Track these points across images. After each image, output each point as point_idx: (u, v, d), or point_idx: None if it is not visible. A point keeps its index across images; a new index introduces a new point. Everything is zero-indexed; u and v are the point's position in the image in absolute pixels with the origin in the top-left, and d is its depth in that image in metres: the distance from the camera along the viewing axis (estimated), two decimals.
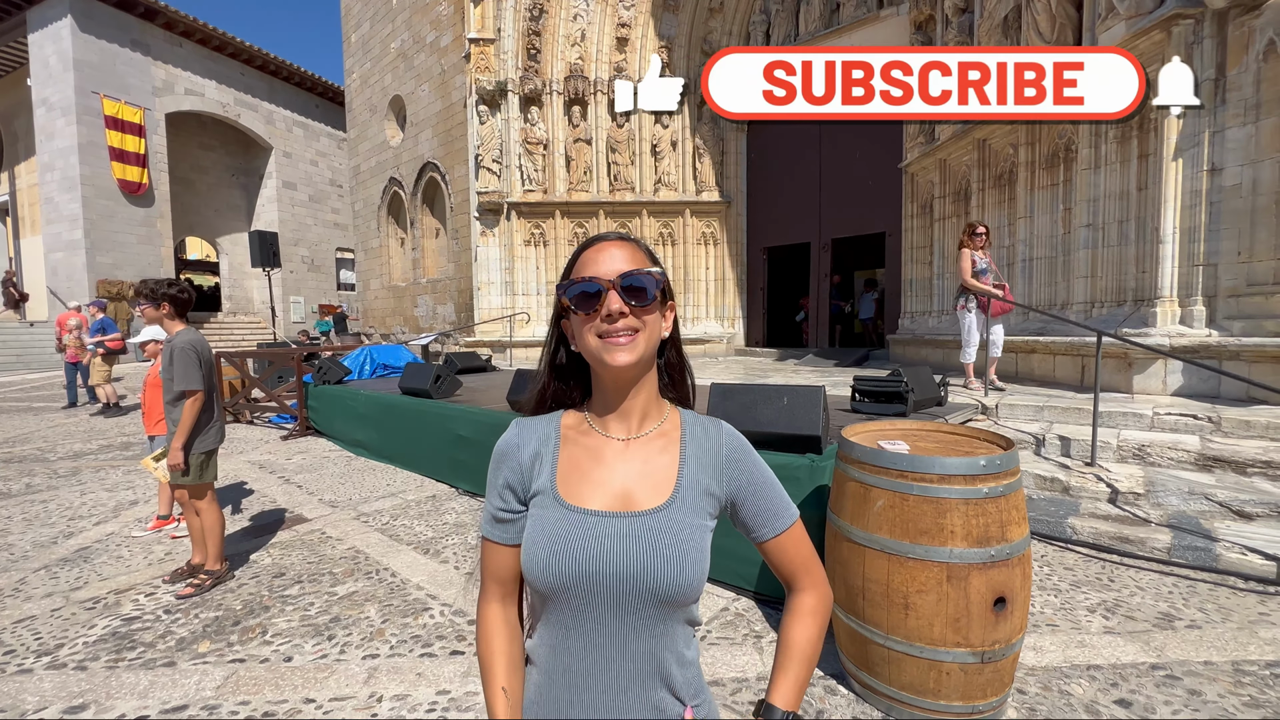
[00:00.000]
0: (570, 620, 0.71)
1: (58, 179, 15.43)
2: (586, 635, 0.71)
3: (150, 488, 4.69)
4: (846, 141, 10.29)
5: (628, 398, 0.76)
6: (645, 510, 0.72)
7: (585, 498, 0.74)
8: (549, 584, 0.70)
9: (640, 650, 0.71)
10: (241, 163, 20.91)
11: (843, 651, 2.10)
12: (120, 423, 7.84)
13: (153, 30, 16.56)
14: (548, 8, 11.10)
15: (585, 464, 0.76)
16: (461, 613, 2.66)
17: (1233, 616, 2.47)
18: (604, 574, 0.69)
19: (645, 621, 0.70)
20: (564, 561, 0.69)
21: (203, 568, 3.02)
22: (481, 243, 11.55)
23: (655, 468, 0.76)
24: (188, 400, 2.89)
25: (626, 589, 0.69)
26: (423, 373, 5.46)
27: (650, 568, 0.69)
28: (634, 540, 0.70)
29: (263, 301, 20.03)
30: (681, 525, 0.72)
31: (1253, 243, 4.38)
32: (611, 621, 0.70)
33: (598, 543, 0.70)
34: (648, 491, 0.74)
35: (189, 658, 2.33)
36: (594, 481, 0.75)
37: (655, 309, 0.73)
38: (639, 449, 0.76)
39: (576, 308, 0.72)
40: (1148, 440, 3.87)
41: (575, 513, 0.73)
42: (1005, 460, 1.82)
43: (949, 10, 7.52)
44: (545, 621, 0.74)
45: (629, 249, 0.74)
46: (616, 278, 0.71)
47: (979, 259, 5.27)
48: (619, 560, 0.69)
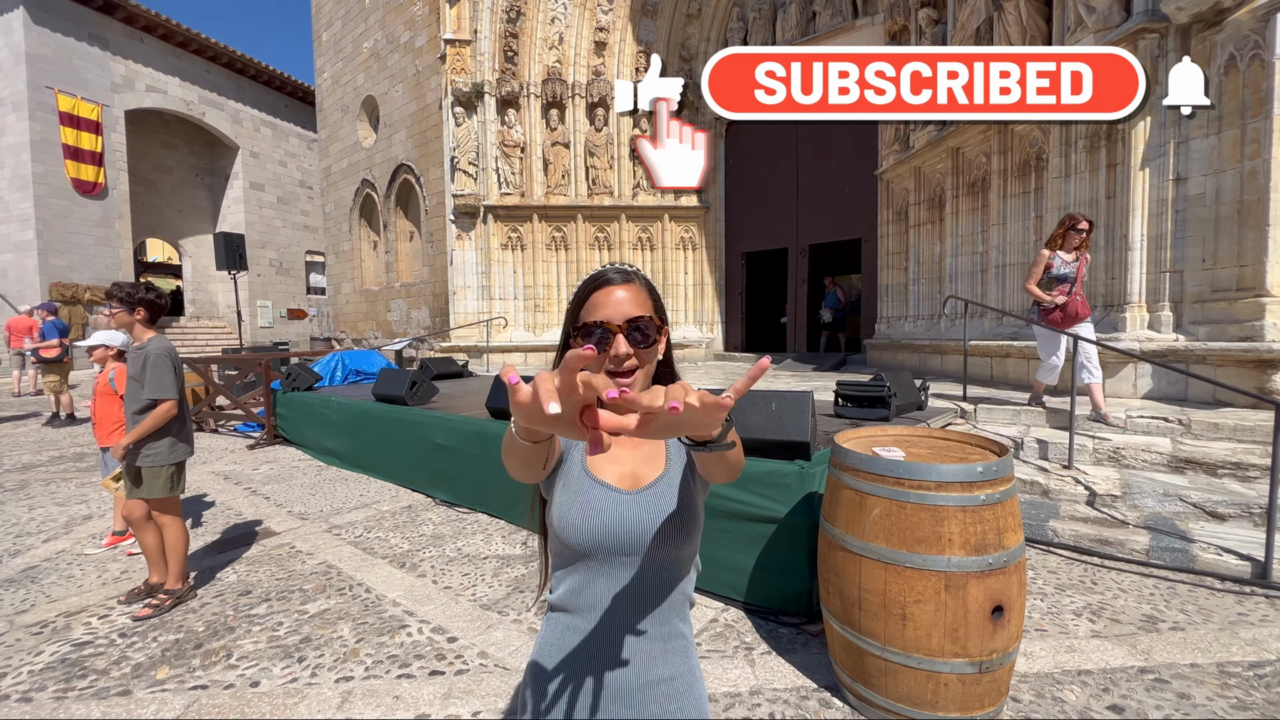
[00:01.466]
0: (597, 571, 0.88)
1: (8, 177, 14.71)
2: (609, 582, 0.88)
3: (106, 500, 4.45)
4: (823, 148, 10.41)
5: None
6: (647, 484, 0.90)
7: (605, 473, 0.91)
8: (581, 540, 0.86)
9: (652, 595, 0.88)
10: (206, 162, 20.24)
11: (837, 663, 2.06)
12: (74, 432, 7.46)
13: (112, 24, 15.94)
14: (525, 10, 11.00)
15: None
16: (441, 630, 2.55)
17: (1213, 617, 2.50)
18: (621, 531, 0.86)
19: (655, 572, 0.88)
20: (592, 521, 0.86)
21: (161, 587, 2.85)
22: (457, 246, 11.36)
23: (652, 450, 0.94)
24: (160, 407, 2.75)
25: (638, 543, 0.86)
26: (397, 379, 5.30)
27: (653, 523, 0.86)
28: (641, 505, 0.88)
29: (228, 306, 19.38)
30: (672, 487, 0.89)
31: (1216, 250, 4.52)
32: (630, 571, 0.88)
33: (616, 508, 0.87)
34: (648, 466, 0.92)
35: (146, 685, 2.18)
36: (611, 461, 0.92)
37: (655, 344, 0.87)
38: (641, 440, 0.88)
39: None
40: (1122, 443, 3.94)
41: (600, 485, 0.89)
42: (1001, 466, 1.80)
43: (923, 21, 7.66)
44: (573, 571, 0.90)
45: (633, 291, 0.88)
46: (624, 323, 0.84)
47: (1061, 261, 4.32)
48: (633, 520, 0.87)
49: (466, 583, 3.02)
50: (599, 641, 0.88)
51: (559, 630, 0.91)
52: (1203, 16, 4.47)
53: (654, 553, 0.87)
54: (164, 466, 2.82)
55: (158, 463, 2.80)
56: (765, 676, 2.16)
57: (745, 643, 2.40)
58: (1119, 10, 5.01)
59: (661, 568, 0.89)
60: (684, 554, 0.90)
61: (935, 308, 7.64)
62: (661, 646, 0.89)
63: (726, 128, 11.70)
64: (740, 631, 2.49)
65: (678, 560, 0.90)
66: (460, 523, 3.96)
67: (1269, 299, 4.18)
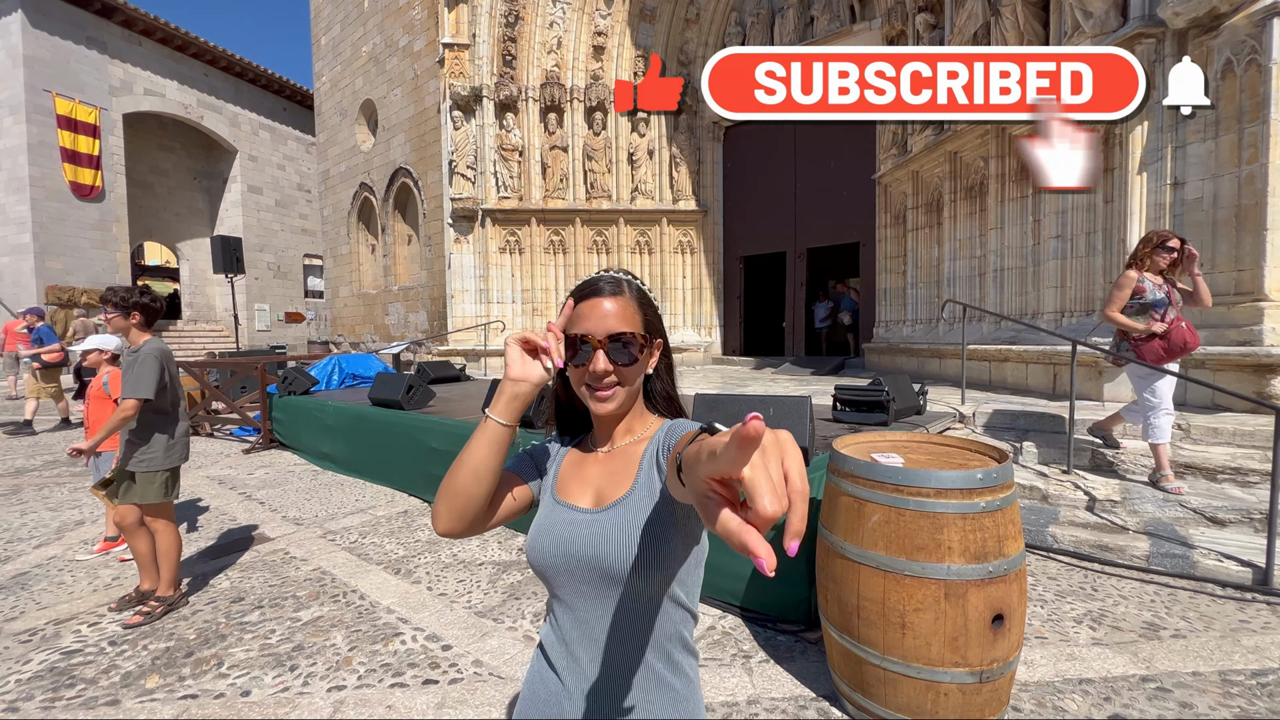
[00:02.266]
0: (565, 598, 0.84)
1: (4, 180, 14.66)
2: (576, 614, 0.82)
3: (98, 506, 4.41)
4: (821, 152, 10.43)
5: (611, 424, 0.92)
6: (609, 504, 0.84)
7: (570, 494, 0.89)
8: (535, 564, 0.84)
9: (623, 631, 0.81)
10: (204, 165, 20.21)
11: (836, 672, 2.03)
12: (69, 436, 7.42)
13: (110, 27, 15.92)
14: (523, 15, 11.02)
15: (576, 469, 0.92)
16: (435, 637, 2.52)
17: (1215, 624, 2.48)
18: (568, 556, 0.81)
19: (614, 600, 0.80)
20: (541, 544, 0.84)
21: (153, 594, 2.81)
22: (455, 250, 11.34)
23: (622, 469, 0.87)
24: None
25: (586, 570, 0.81)
26: (394, 383, 5.27)
27: (598, 550, 0.80)
28: (591, 527, 0.82)
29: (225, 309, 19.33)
30: (630, 512, 0.81)
31: (1214, 254, 4.51)
32: (588, 594, 0.81)
33: (567, 528, 0.83)
34: (613, 489, 0.85)
35: (135, 695, 2.14)
36: (578, 482, 0.89)
37: (639, 361, 0.85)
38: (615, 457, 0.89)
39: (570, 360, 0.84)
40: (1121, 447, 3.93)
41: (559, 506, 0.87)
42: (1001, 473, 1.78)
43: (920, 26, 7.68)
44: (551, 604, 0.87)
45: (621, 305, 0.85)
46: (605, 338, 0.82)
47: (1153, 285, 3.53)
48: (578, 544, 0.81)
49: (461, 589, 2.99)
50: (572, 674, 0.82)
51: (534, 670, 0.88)
52: (1199, 22, 4.48)
53: (616, 581, 0.79)
54: (158, 471, 2.79)
55: (152, 467, 2.77)
56: (763, 685, 2.14)
57: (743, 650, 2.38)
58: (1115, 15, 5.03)
59: (633, 600, 0.80)
60: (652, 583, 0.79)
61: (933, 312, 7.64)
62: (641, 694, 0.80)
63: (724, 131, 11.72)
64: (738, 639, 2.47)
65: (647, 592, 0.80)
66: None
67: (1267, 303, 4.18)
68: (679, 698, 0.82)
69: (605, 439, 0.91)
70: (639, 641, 0.81)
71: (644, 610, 0.81)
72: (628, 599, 0.80)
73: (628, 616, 0.80)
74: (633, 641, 0.81)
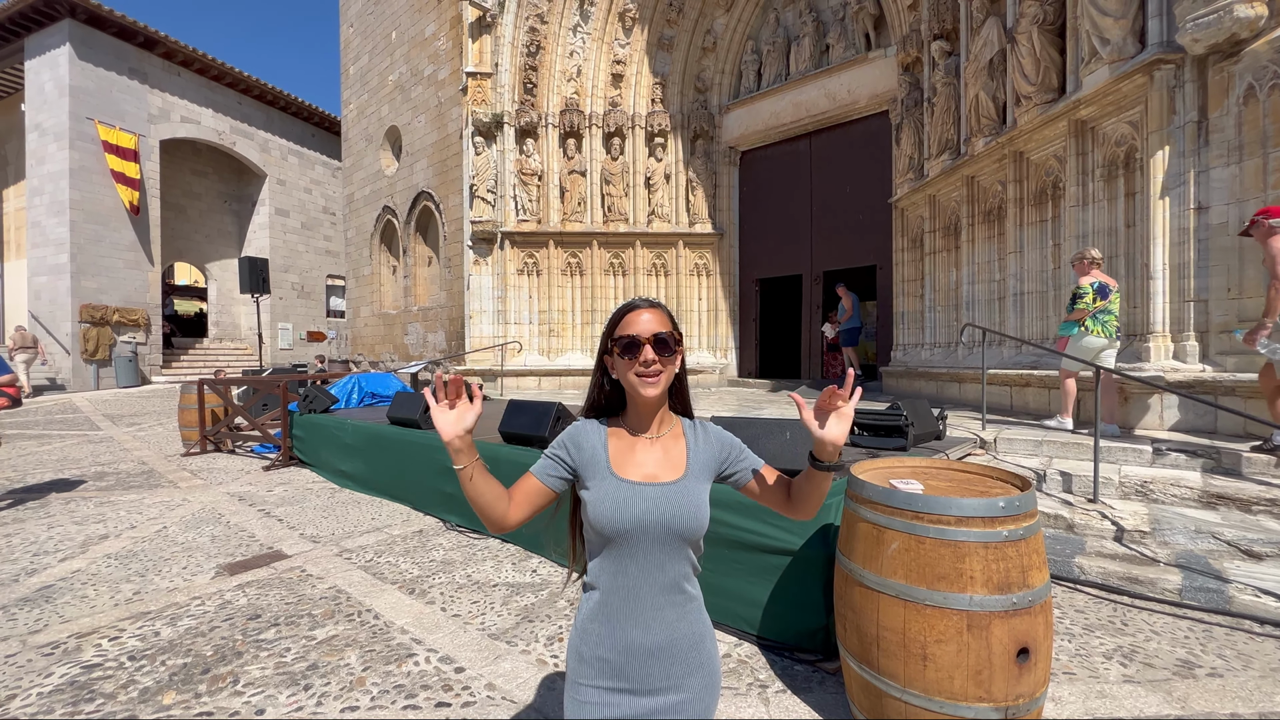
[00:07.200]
0: (626, 553, 1.09)
1: (46, 203, 15.29)
2: (637, 561, 1.08)
3: (122, 521, 4.49)
4: (836, 176, 10.48)
5: (652, 413, 1.18)
6: (667, 482, 1.12)
7: (629, 473, 1.13)
8: (614, 528, 1.07)
9: (669, 571, 1.10)
10: (234, 189, 20.90)
11: (855, 704, 1.98)
12: (95, 451, 7.58)
13: (151, 59, 16.69)
14: (544, 44, 11.33)
15: (627, 453, 1.16)
16: (449, 659, 2.51)
17: (1254, 664, 2.38)
18: (647, 521, 1.08)
19: (671, 552, 1.10)
20: (622, 513, 1.08)
21: None
22: (474, 271, 11.53)
23: (672, 455, 1.16)
24: None
25: (660, 530, 1.08)
26: (412, 402, 5.33)
27: (674, 516, 1.08)
28: (663, 501, 1.09)
29: (250, 328, 19.78)
30: (691, 490, 1.12)
31: (1241, 279, 4.43)
32: (652, 552, 1.08)
33: (642, 502, 1.09)
34: (668, 470, 1.14)
35: (152, 710, 2.16)
36: (633, 464, 1.14)
37: (675, 354, 1.14)
38: (659, 446, 1.17)
39: (622, 354, 1.12)
40: (1149, 476, 3.82)
41: (626, 483, 1.11)
42: (1024, 501, 1.75)
43: (935, 53, 7.75)
44: (605, 556, 1.11)
45: (657, 314, 1.14)
46: (650, 336, 1.11)
47: None
48: (656, 513, 1.08)
49: (475, 610, 2.98)
50: (630, 609, 1.08)
51: (596, 603, 1.12)
52: (1219, 48, 4.47)
53: (671, 537, 1.08)
54: None
55: None
56: (780, 716, 2.09)
57: (759, 680, 2.33)
58: (1133, 41, 5.03)
59: (678, 548, 1.10)
60: (695, 539, 1.12)
61: (952, 335, 7.56)
62: (679, 611, 1.10)
63: (740, 156, 11.84)
64: (754, 668, 2.42)
65: (690, 543, 1.12)
66: (470, 548, 3.93)
67: None
68: (697, 605, 1.15)
69: (645, 427, 1.17)
70: (676, 574, 1.11)
71: (682, 555, 1.11)
72: (679, 547, 1.10)
73: (672, 560, 1.10)
74: (674, 573, 1.10)
